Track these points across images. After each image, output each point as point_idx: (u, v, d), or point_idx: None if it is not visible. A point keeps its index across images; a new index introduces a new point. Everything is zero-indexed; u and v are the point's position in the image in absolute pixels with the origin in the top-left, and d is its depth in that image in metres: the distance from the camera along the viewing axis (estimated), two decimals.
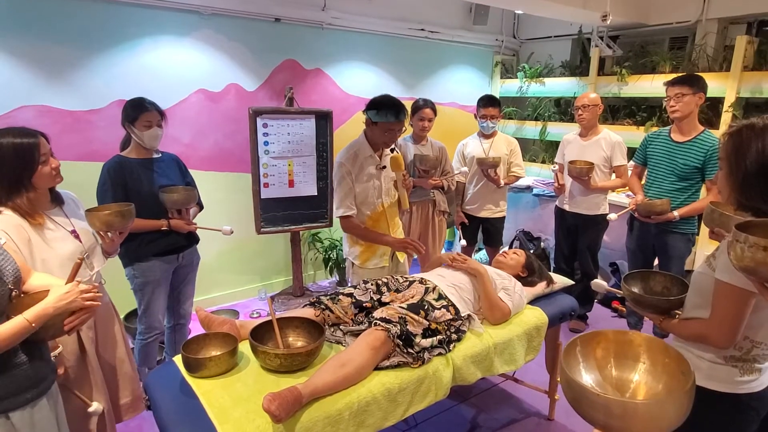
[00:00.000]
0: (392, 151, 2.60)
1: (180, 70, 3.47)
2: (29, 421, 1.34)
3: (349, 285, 2.31)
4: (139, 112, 2.32)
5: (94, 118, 3.21)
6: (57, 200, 1.80)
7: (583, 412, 0.81)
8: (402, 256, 2.71)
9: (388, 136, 2.45)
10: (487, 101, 3.59)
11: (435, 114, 3.42)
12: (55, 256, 1.69)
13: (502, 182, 3.63)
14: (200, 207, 2.68)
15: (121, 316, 3.04)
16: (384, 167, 2.55)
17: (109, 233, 1.92)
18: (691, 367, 0.82)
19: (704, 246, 3.69)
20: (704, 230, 3.57)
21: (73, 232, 1.79)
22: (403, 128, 2.49)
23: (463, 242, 3.89)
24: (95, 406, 1.75)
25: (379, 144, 2.51)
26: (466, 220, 3.78)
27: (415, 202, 3.48)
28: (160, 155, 2.52)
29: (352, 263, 2.63)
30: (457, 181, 3.66)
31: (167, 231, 2.44)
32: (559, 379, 2.57)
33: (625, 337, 0.95)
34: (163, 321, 2.58)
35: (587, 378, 0.91)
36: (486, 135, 3.69)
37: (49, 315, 1.32)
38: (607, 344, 0.96)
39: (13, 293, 1.35)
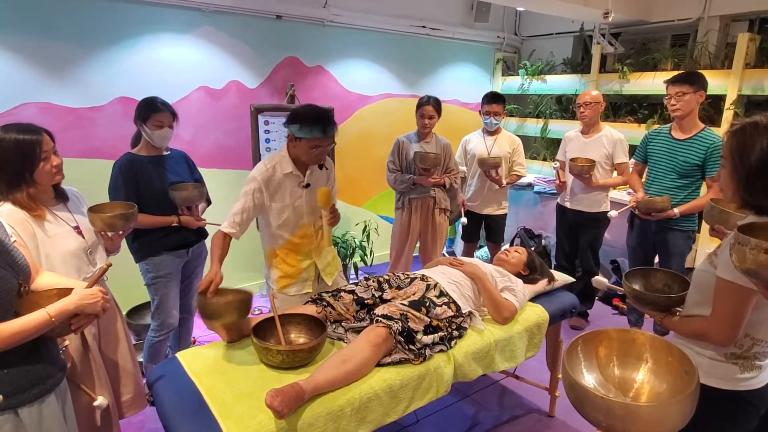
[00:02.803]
0: (321, 167, 2.26)
1: (181, 67, 3.48)
2: (37, 417, 1.35)
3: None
4: (151, 111, 2.35)
5: (96, 116, 3.21)
6: (61, 197, 1.82)
7: (585, 413, 0.81)
8: (329, 277, 2.35)
9: (315, 154, 2.10)
10: (491, 98, 3.59)
11: (438, 112, 3.38)
12: (58, 252, 1.71)
13: (504, 182, 3.63)
14: (208, 203, 2.71)
15: (124, 313, 3.06)
16: (308, 185, 2.21)
17: (109, 234, 1.93)
18: (695, 366, 0.82)
19: (705, 243, 3.69)
20: (705, 227, 3.57)
21: (76, 228, 1.80)
22: (333, 143, 2.16)
23: (464, 220, 3.75)
24: (100, 400, 1.76)
25: (304, 161, 2.17)
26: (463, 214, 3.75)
27: (416, 199, 3.48)
28: (169, 152, 2.55)
29: (271, 287, 2.33)
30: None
31: (178, 227, 2.47)
32: (560, 376, 2.59)
33: (628, 336, 0.95)
34: (177, 317, 2.60)
35: (589, 378, 0.91)
36: (490, 132, 3.69)
37: (70, 312, 1.34)
38: (609, 343, 0.96)
39: (22, 288, 1.36)
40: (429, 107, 3.35)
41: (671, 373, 0.87)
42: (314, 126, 2.04)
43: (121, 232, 1.99)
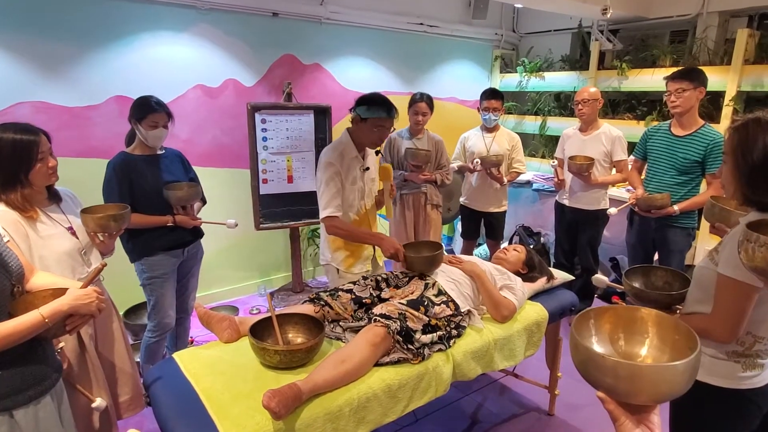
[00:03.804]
0: (377, 153, 2.52)
1: (177, 65, 3.45)
2: (33, 419, 1.34)
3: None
4: (146, 111, 2.32)
5: (92, 114, 3.19)
6: (55, 197, 1.81)
7: (589, 375, 0.83)
8: (381, 259, 2.59)
9: (378, 134, 2.33)
10: (489, 94, 3.59)
11: (431, 109, 3.41)
12: (52, 253, 1.70)
13: (505, 179, 3.61)
14: (203, 202, 2.69)
15: (121, 313, 3.04)
16: (367, 169, 2.45)
17: (99, 236, 1.90)
18: (698, 341, 0.83)
19: (704, 240, 3.68)
20: (704, 224, 3.56)
21: (70, 228, 1.79)
22: (393, 127, 2.42)
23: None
24: (98, 402, 1.75)
25: (365, 143, 2.39)
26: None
27: (407, 194, 3.48)
28: (164, 151, 2.53)
29: (336, 269, 2.49)
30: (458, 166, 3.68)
31: (173, 226, 2.46)
32: (560, 374, 2.58)
33: (637, 314, 0.96)
34: (173, 317, 2.58)
35: (598, 348, 0.92)
36: (488, 129, 3.68)
37: (64, 313, 1.33)
38: (617, 319, 0.96)
39: (15, 289, 1.35)
40: (423, 104, 3.36)
41: (676, 350, 0.88)
42: (380, 107, 2.29)
43: (114, 233, 1.97)
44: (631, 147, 3.27)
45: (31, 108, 2.98)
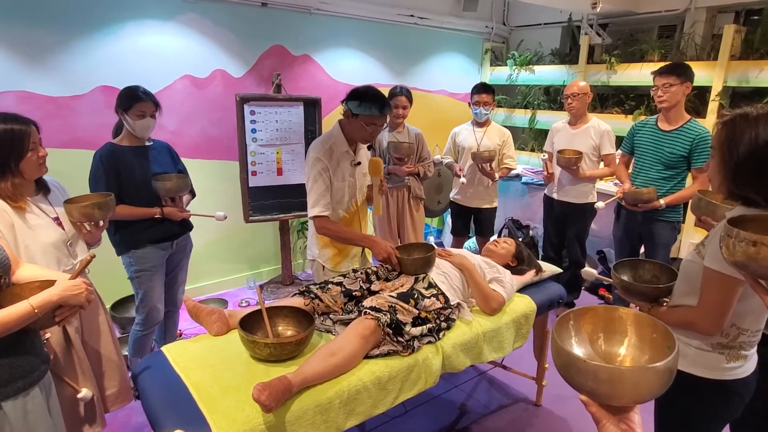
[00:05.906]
0: (369, 148, 2.46)
1: (164, 55, 3.40)
2: (21, 411, 1.34)
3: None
4: (133, 101, 2.29)
5: (77, 105, 3.14)
6: (43, 188, 1.79)
7: (571, 379, 0.85)
8: (369, 255, 2.55)
9: (370, 131, 2.23)
10: (480, 88, 3.58)
11: (410, 102, 3.42)
12: (38, 243, 1.68)
13: (497, 176, 3.62)
14: (192, 195, 2.67)
15: (108, 306, 3.01)
16: (359, 163, 2.38)
17: (86, 225, 1.88)
18: (676, 341, 0.86)
19: (689, 234, 3.73)
20: (689, 218, 3.62)
21: (56, 219, 1.77)
22: (386, 124, 2.33)
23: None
24: (84, 392, 1.74)
25: (356, 138, 2.30)
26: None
27: (391, 188, 3.48)
28: (152, 143, 2.50)
29: (323, 266, 2.43)
30: (447, 164, 3.67)
31: (161, 219, 2.43)
32: (547, 366, 2.61)
33: (615, 314, 0.98)
34: (162, 310, 2.56)
35: (578, 351, 0.94)
36: (479, 124, 3.67)
37: (53, 303, 1.32)
38: (596, 319, 0.98)
39: (2, 281, 1.34)
40: (403, 98, 3.38)
41: (654, 349, 0.91)
42: (373, 103, 2.17)
43: (101, 224, 1.95)
44: (619, 141, 3.30)
45: (15, 98, 2.92)
